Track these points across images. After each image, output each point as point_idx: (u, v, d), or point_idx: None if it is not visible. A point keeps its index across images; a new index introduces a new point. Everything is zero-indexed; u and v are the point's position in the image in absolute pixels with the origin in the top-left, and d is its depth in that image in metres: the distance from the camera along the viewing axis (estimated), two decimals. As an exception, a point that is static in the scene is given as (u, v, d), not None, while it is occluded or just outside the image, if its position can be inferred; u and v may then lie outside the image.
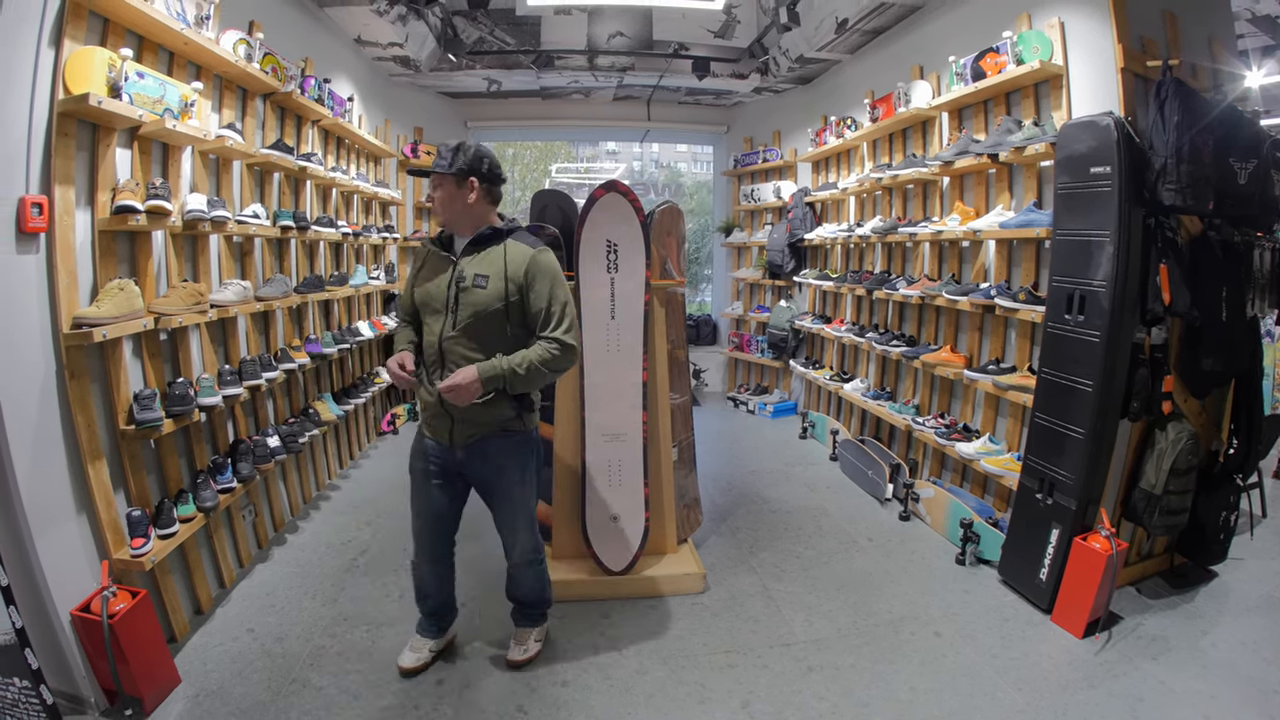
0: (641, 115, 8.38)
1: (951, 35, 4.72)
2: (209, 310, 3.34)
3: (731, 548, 4.15)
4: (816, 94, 7.09)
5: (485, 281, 2.55)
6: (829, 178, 6.68)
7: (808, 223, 6.78)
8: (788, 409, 7.32)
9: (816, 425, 6.40)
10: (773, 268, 7.28)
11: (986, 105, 4.39)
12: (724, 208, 8.80)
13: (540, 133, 10.01)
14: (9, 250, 2.44)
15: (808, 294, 7.07)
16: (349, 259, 5.65)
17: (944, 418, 4.61)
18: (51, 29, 2.54)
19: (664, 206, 3.99)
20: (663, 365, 3.74)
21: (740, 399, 7.75)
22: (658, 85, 7.42)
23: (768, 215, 7.84)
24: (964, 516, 3.92)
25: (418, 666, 2.97)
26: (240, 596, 3.54)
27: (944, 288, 4.44)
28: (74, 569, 2.67)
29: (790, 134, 7.62)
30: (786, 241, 6.99)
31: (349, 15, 5.10)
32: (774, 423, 7.13)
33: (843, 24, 5.44)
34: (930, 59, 4.98)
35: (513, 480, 2.78)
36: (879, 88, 5.61)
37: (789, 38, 5.94)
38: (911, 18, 5.26)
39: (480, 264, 2.59)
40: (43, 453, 2.56)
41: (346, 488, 5.08)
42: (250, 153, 3.80)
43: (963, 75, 4.35)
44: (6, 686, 2.47)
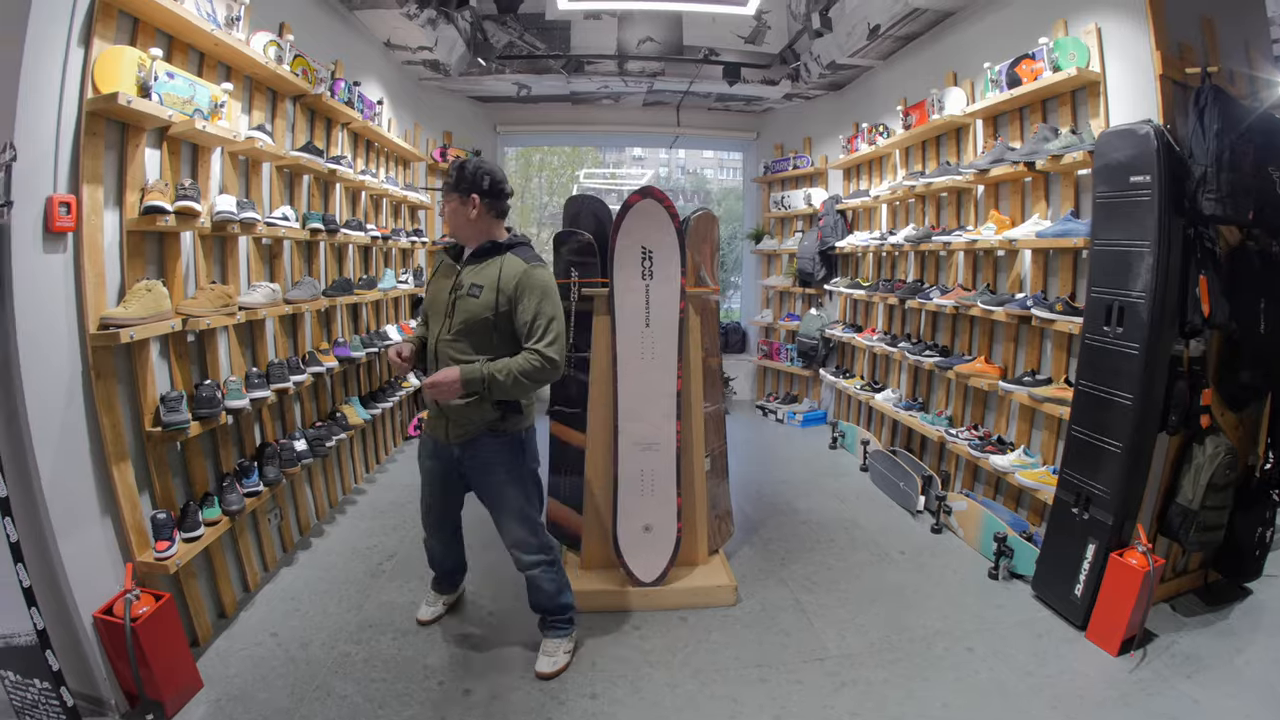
0: (671, 121, 8.30)
1: (985, 42, 4.65)
2: (237, 313, 3.33)
3: (762, 559, 4.06)
4: (847, 100, 7.01)
5: (479, 291, 2.72)
6: (860, 185, 6.59)
7: (839, 230, 6.70)
8: (817, 418, 7.22)
9: (846, 435, 6.31)
10: (803, 275, 7.18)
11: (1022, 112, 4.32)
12: (754, 215, 8.72)
13: (569, 138, 9.97)
14: (36, 249, 2.43)
15: (838, 302, 6.98)
16: (378, 262, 5.64)
17: (977, 429, 4.51)
18: (81, 28, 2.54)
19: (699, 213, 3.94)
20: (697, 374, 3.68)
21: (769, 408, 7.66)
22: (688, 91, 7.35)
23: (798, 222, 7.77)
24: (997, 530, 3.85)
25: (433, 619, 3.36)
26: (264, 600, 3.51)
27: (979, 298, 4.34)
28: (97, 571, 2.65)
29: (821, 141, 7.53)
30: (817, 249, 6.90)
31: (378, 18, 5.10)
32: (803, 432, 7.03)
33: (875, 30, 5.35)
34: (964, 65, 4.91)
35: (500, 479, 2.90)
36: (911, 94, 5.52)
37: (820, 43, 5.85)
38: (944, 24, 5.18)
39: (478, 274, 2.76)
40: (67, 454, 2.55)
41: (373, 492, 5.06)
42: (280, 154, 3.79)
43: (998, 82, 4.27)
44: (27, 687, 2.46)
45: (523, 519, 2.95)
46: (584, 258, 3.76)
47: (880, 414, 5.89)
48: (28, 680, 2.46)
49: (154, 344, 2.97)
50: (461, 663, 3.07)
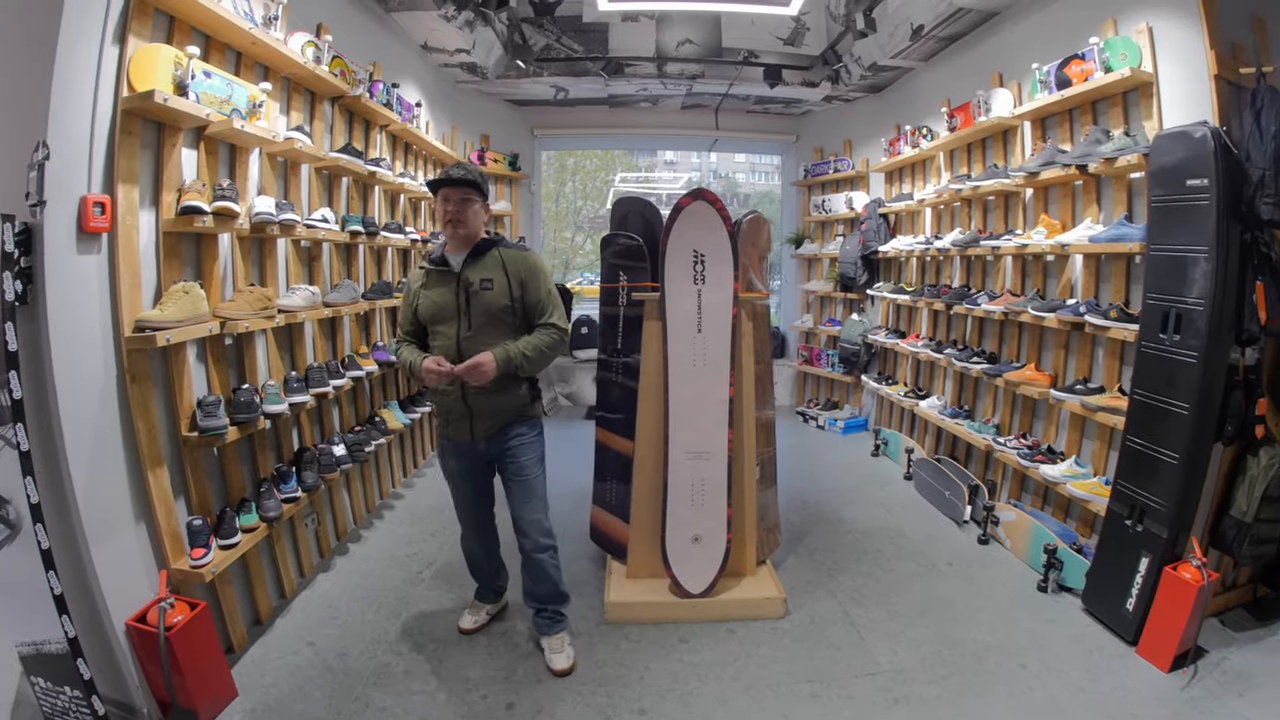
0: (709, 124, 8.19)
1: (1031, 42, 4.52)
2: (276, 316, 3.28)
3: (810, 570, 3.93)
4: (888, 103, 6.85)
5: (491, 284, 2.85)
6: (903, 188, 6.43)
7: (881, 234, 6.54)
8: (858, 425, 7.06)
9: (890, 443, 6.16)
10: (845, 280, 7.04)
11: (1071, 114, 4.19)
12: (793, 218, 8.56)
13: (606, 141, 9.90)
14: (70, 250, 2.39)
15: (880, 307, 6.82)
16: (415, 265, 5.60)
17: (1026, 438, 4.37)
18: (116, 25, 2.50)
19: (750, 216, 3.85)
20: (749, 380, 3.57)
21: (810, 414, 7.50)
22: (727, 94, 7.24)
23: (839, 226, 7.61)
24: (1047, 542, 3.72)
25: (475, 627, 3.31)
26: (301, 608, 3.46)
27: (1029, 303, 4.21)
28: (131, 577, 2.60)
29: (861, 143, 7.36)
30: (859, 253, 6.74)
31: (416, 20, 5.05)
32: (845, 439, 6.88)
33: (918, 30, 5.20)
34: (1009, 66, 4.77)
35: (531, 460, 3.02)
36: (955, 96, 5.38)
37: (862, 45, 5.70)
38: (988, 24, 5.04)
39: (482, 269, 2.87)
40: (101, 458, 2.51)
41: (410, 497, 5.01)
42: (319, 156, 3.75)
43: (1047, 83, 4.14)
44: (57, 694, 2.43)
45: (543, 502, 3.07)
46: (633, 261, 3.68)
47: (924, 421, 5.77)
48: (58, 687, 2.42)
49: (191, 347, 2.93)
50: (505, 675, 2.98)
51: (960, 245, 4.99)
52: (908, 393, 5.91)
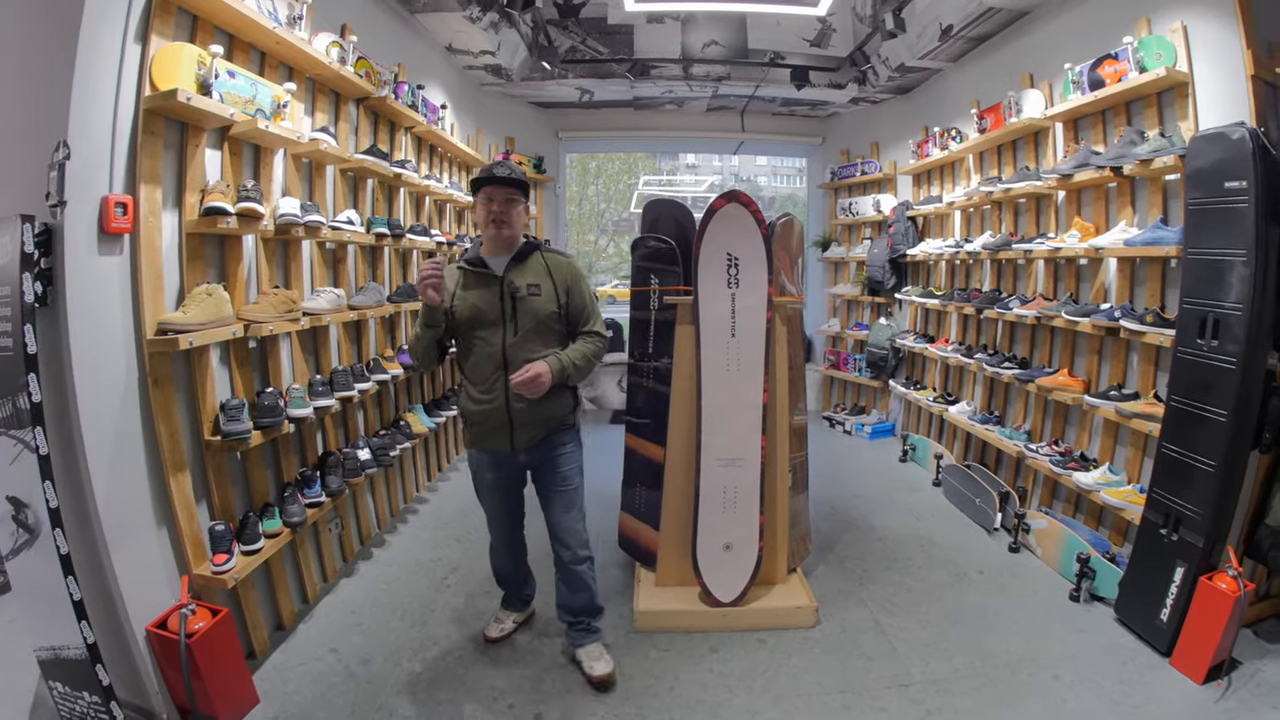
0: (734, 126, 8.10)
1: (1062, 42, 4.43)
2: (301, 318, 3.24)
3: (840, 578, 3.83)
4: (916, 104, 6.74)
5: (538, 289, 2.76)
6: (932, 191, 6.32)
7: (910, 238, 6.41)
8: (885, 430, 6.94)
9: (918, 448, 6.04)
10: (872, 284, 6.92)
11: (1105, 115, 4.10)
12: (819, 221, 8.44)
13: (631, 143, 9.86)
14: (91, 251, 2.36)
15: (908, 311, 6.70)
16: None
17: (1058, 445, 4.26)
18: (138, 24, 2.47)
19: (783, 219, 3.77)
20: (783, 386, 3.48)
21: (836, 419, 7.39)
22: (753, 96, 7.16)
23: (866, 229, 7.50)
24: (1080, 551, 3.63)
25: (502, 636, 3.23)
26: (324, 613, 3.41)
27: (1062, 308, 4.11)
28: (152, 583, 2.57)
29: (889, 146, 7.25)
30: (887, 257, 6.63)
31: (440, 22, 5.02)
32: (872, 444, 6.76)
33: (947, 30, 5.09)
34: (1040, 67, 4.67)
35: (574, 469, 2.94)
36: (984, 97, 5.27)
37: (890, 46, 5.60)
38: (1018, 24, 4.94)
39: (527, 274, 2.77)
40: (122, 462, 2.47)
41: (435, 501, 4.97)
42: (344, 157, 3.71)
43: (1079, 83, 4.05)
44: (75, 699, 2.41)
45: (582, 512, 3.00)
46: (664, 264, 3.61)
47: (953, 427, 5.65)
48: (76, 692, 2.40)
49: (214, 350, 2.89)
50: (532, 684, 2.92)
51: (991, 248, 4.89)
52: (937, 398, 5.80)
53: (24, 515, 2.36)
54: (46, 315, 2.31)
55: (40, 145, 2.28)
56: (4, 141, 2.49)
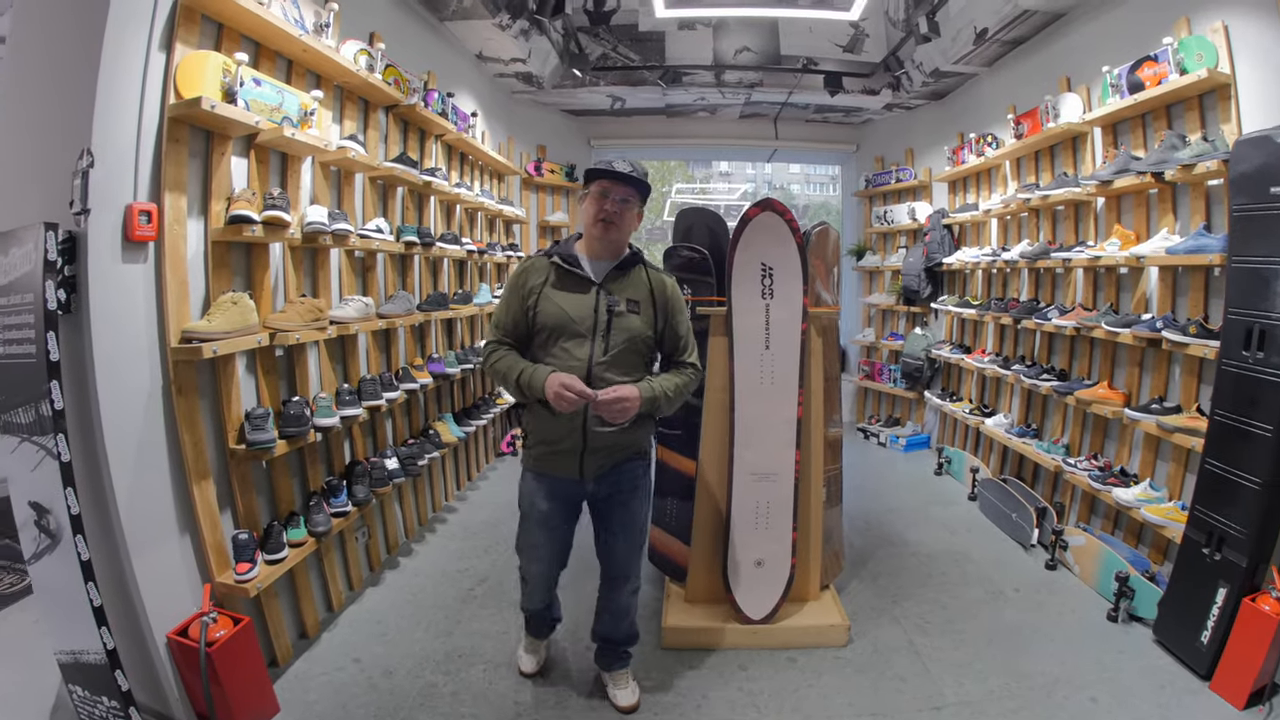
0: (767, 134, 8.01)
1: (1100, 44, 4.31)
2: (328, 327, 3.23)
3: (873, 595, 3.72)
4: (951, 110, 6.60)
5: (638, 308, 2.48)
6: (968, 198, 6.15)
7: (945, 246, 6.26)
8: (920, 442, 6.78)
9: (953, 461, 5.88)
10: (908, 293, 6.77)
11: (1144, 119, 3.94)
12: (854, 230, 8.30)
13: (664, 151, 9.78)
14: (114, 259, 2.36)
15: (944, 321, 6.54)
16: (473, 277, 5.56)
17: (1097, 459, 4.10)
18: (162, 32, 2.47)
19: (819, 228, 3.68)
20: (818, 398, 3.39)
21: (871, 430, 7.25)
22: (786, 102, 7.07)
23: (901, 238, 7.35)
24: (1119, 569, 3.50)
25: (540, 669, 3.03)
26: (348, 622, 3.39)
27: (1102, 318, 3.96)
28: (174, 590, 2.56)
29: (923, 152, 7.11)
30: (923, 266, 6.48)
31: (470, 30, 5.02)
32: (906, 457, 6.61)
33: (981, 34, 4.97)
34: (1077, 70, 4.53)
35: (642, 502, 2.71)
36: (1021, 102, 5.14)
37: (924, 50, 5.49)
38: (1054, 26, 4.81)
39: (628, 289, 2.50)
40: (145, 470, 2.47)
41: (464, 510, 4.94)
42: (373, 165, 3.72)
43: (1118, 86, 3.92)
44: (95, 703, 2.41)
45: (643, 544, 2.79)
46: (697, 274, 3.54)
47: (989, 440, 5.49)
48: (95, 697, 2.40)
49: (240, 358, 2.89)
50: (556, 701, 2.85)
51: (1029, 257, 4.74)
52: (973, 410, 5.64)
53: (46, 521, 2.37)
54: (70, 322, 2.32)
55: (65, 153, 2.29)
56: (30, 149, 2.53)
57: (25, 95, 2.59)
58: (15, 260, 2.32)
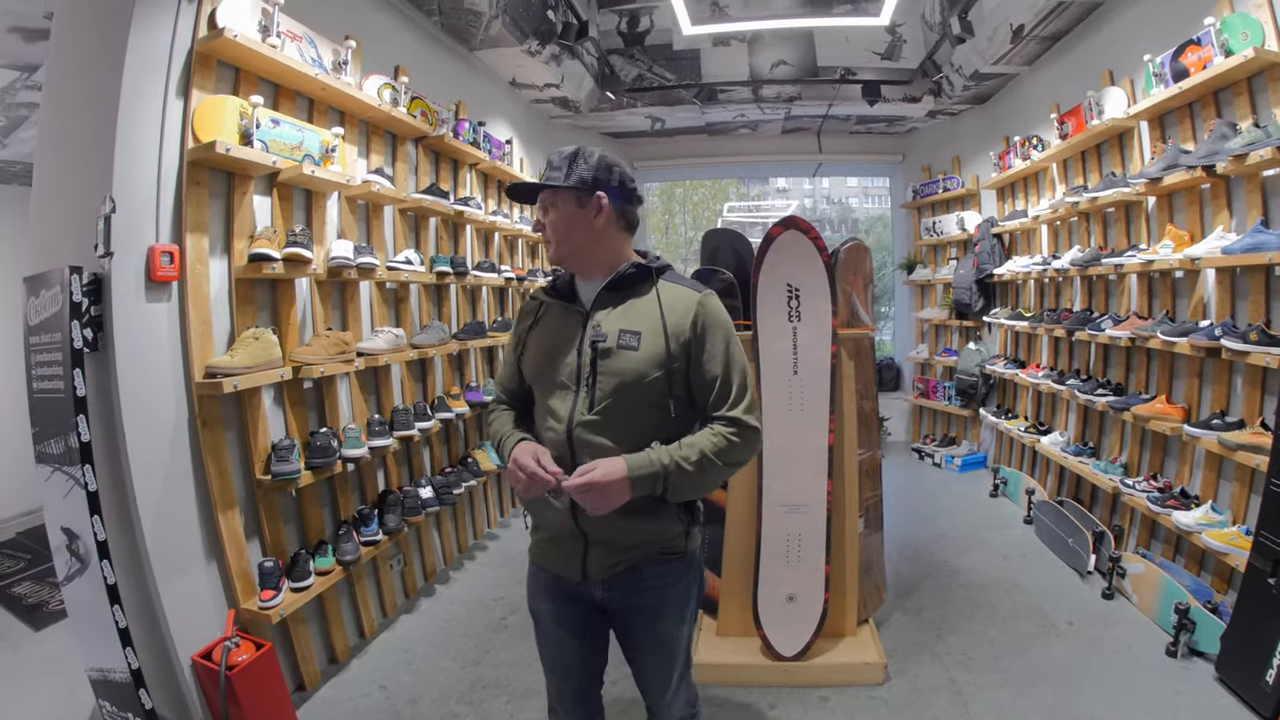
0: (811, 148, 7.92)
1: (1141, 31, 4.07)
2: (355, 359, 3.29)
3: (916, 629, 3.53)
4: (995, 113, 6.38)
5: (636, 340, 1.73)
6: (1016, 205, 5.91)
7: (996, 256, 6.01)
8: (977, 462, 6.50)
9: (1009, 482, 5.60)
10: (960, 307, 6.52)
11: (1192, 108, 3.70)
12: (904, 243, 8.10)
13: (708, 170, 9.73)
14: (138, 299, 2.45)
15: (998, 335, 6.28)
16: (513, 303, 5.61)
17: (1156, 480, 3.81)
18: (179, 80, 2.58)
19: (849, 244, 3.55)
20: (851, 424, 3.26)
21: (925, 450, 6.99)
22: (827, 115, 6.98)
23: (951, 249, 7.11)
24: (1179, 600, 3.24)
25: None
26: (378, 649, 3.42)
27: (1157, 327, 3.68)
28: (200, 614, 2.64)
29: (970, 159, 6.87)
30: (974, 277, 6.23)
31: (500, 58, 5.10)
32: (962, 477, 6.34)
33: (1018, 31, 4.80)
34: (1119, 61, 4.30)
35: (673, 622, 1.87)
36: (1064, 100, 4.91)
37: (961, 52, 5.35)
38: (1092, 17, 4.59)
39: (625, 316, 1.77)
40: (171, 500, 2.55)
41: (505, 538, 4.95)
42: (401, 198, 3.79)
43: (1161, 75, 3.70)
44: (122, 719, 2.50)
45: (686, 668, 1.97)
46: (724, 298, 3.39)
47: (1045, 459, 5.22)
48: (122, 713, 2.50)
49: (267, 391, 2.96)
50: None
51: (1080, 264, 4.49)
52: (1028, 428, 5.37)
53: (76, 546, 2.48)
54: (97, 360, 2.42)
55: (91, 198, 2.40)
56: (62, 194, 2.64)
57: (60, 142, 2.73)
58: (45, 301, 2.44)
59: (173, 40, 2.55)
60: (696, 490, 1.72)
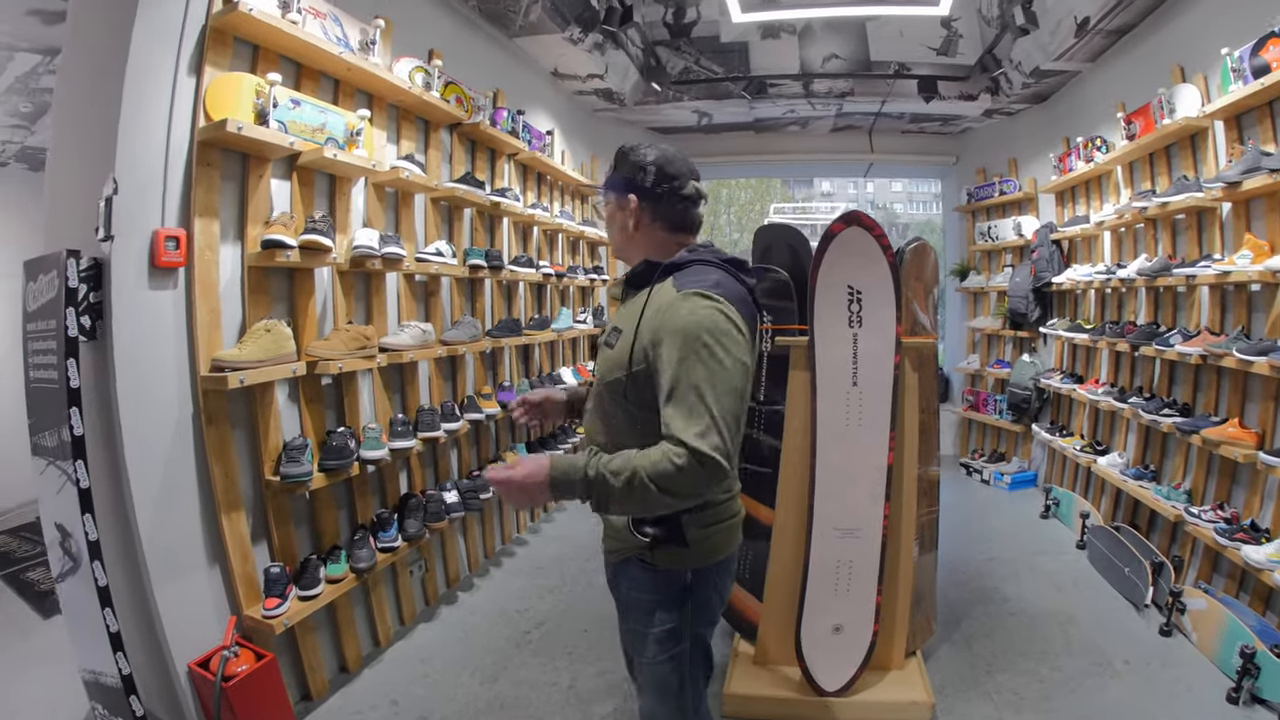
0: (862, 147, 7.58)
1: (1214, 25, 3.73)
2: (377, 355, 3.12)
3: (965, 664, 3.23)
4: (1055, 113, 5.98)
5: (616, 338, 1.72)
6: (1077, 210, 5.53)
7: (1055, 264, 5.63)
8: (1027, 480, 6.11)
9: (1061, 503, 5.22)
10: (1015, 316, 6.14)
11: (1273, 107, 3.37)
12: (957, 248, 7.71)
13: (755, 169, 9.45)
14: (141, 285, 2.32)
15: (1054, 347, 5.89)
16: (553, 301, 5.43)
17: (1223, 509, 3.46)
18: (191, 56, 2.43)
19: (914, 244, 3.26)
20: (912, 440, 2.97)
21: (974, 466, 6.60)
22: (879, 112, 6.65)
23: (1007, 255, 6.71)
24: (1244, 641, 2.95)
25: None
26: (393, 660, 3.24)
27: (1233, 344, 3.34)
28: (199, 620, 2.50)
29: (1028, 161, 6.47)
30: (1031, 286, 5.84)
31: (541, 45, 4.91)
32: (1011, 496, 5.95)
33: (1083, 24, 4.45)
34: (1191, 57, 3.95)
35: (633, 626, 1.78)
36: (1130, 99, 4.54)
37: (1021, 48, 4.99)
38: (1160, 10, 4.23)
39: (624, 312, 1.79)
40: (171, 499, 2.41)
41: (534, 543, 4.76)
42: (432, 186, 3.62)
43: (1240, 71, 3.38)
44: None
45: (653, 690, 1.80)
46: (777, 300, 3.17)
47: (1101, 480, 4.83)
48: (114, 717, 2.39)
49: (281, 387, 2.81)
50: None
51: (1147, 274, 4.11)
52: (1084, 447, 4.99)
53: (68, 544, 2.36)
54: (95, 349, 2.29)
55: (90, 180, 2.27)
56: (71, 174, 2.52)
57: (70, 123, 2.61)
58: (43, 286, 2.32)
59: (185, 13, 2.40)
60: (627, 510, 1.59)
